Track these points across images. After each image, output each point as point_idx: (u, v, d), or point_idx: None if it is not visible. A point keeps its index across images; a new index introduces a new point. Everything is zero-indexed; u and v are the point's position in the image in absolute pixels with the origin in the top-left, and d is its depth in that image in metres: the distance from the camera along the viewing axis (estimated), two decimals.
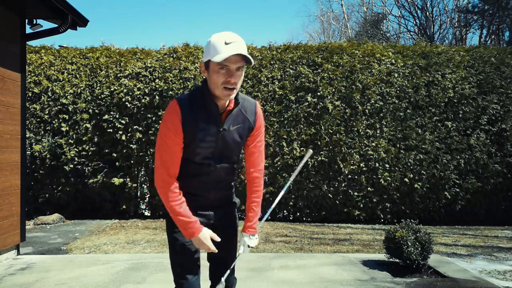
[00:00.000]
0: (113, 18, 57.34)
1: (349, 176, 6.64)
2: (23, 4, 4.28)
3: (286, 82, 6.71)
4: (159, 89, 6.63)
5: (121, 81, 6.66)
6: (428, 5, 20.13)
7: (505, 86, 6.90)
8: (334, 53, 6.89)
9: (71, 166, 6.61)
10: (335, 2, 32.97)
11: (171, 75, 6.67)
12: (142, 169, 6.83)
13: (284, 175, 6.56)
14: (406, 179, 6.61)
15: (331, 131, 6.61)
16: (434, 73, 6.84)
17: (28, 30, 4.61)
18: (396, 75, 6.79)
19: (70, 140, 6.67)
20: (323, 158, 6.58)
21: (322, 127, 6.59)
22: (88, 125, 6.65)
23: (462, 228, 6.48)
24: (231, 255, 1.88)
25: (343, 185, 6.65)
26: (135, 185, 6.72)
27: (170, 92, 6.60)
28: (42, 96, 6.73)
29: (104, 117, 6.62)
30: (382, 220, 6.84)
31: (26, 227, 4.97)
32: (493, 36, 19.27)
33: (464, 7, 19.45)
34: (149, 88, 6.65)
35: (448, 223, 6.76)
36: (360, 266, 4.05)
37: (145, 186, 6.95)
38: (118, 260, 4.18)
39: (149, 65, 6.78)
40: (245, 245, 1.82)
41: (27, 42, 4.93)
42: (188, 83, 6.66)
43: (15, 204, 4.31)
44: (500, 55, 7.11)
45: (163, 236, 5.28)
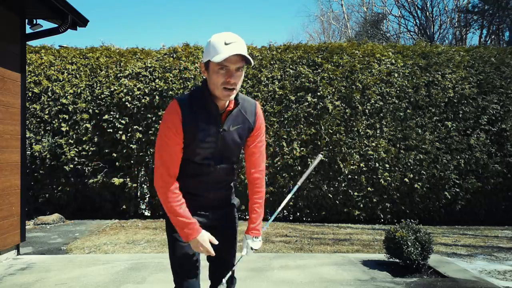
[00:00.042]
0: (113, 18, 57.41)
1: (349, 176, 6.64)
2: (23, 4, 4.28)
3: (286, 82, 6.71)
4: (159, 89, 6.63)
5: (121, 81, 6.67)
6: (428, 5, 20.15)
7: (505, 86, 6.90)
8: (334, 53, 6.89)
9: (71, 166, 6.62)
10: (335, 2, 33.02)
11: (171, 75, 6.67)
12: (142, 169, 6.83)
13: (284, 175, 6.56)
14: (406, 179, 6.62)
15: (331, 131, 6.61)
16: (434, 73, 6.84)
17: (28, 30, 4.62)
18: (396, 75, 6.79)
19: (70, 140, 6.67)
20: (323, 158, 6.58)
21: (322, 127, 6.59)
22: (88, 125, 6.66)
23: (462, 228, 6.48)
24: (231, 255, 1.89)
25: (343, 185, 6.65)
26: (135, 185, 6.72)
27: (170, 92, 6.60)
28: (42, 96, 6.74)
29: (104, 117, 6.63)
30: (382, 220, 6.84)
31: (26, 227, 4.98)
32: (493, 36, 19.27)
33: (464, 7, 19.45)
34: (149, 88, 6.65)
35: (448, 223, 6.76)
36: (360, 266, 4.05)
37: (145, 186, 6.95)
38: (118, 260, 4.18)
39: (149, 65, 6.78)
40: (248, 248, 1.81)
41: (27, 42, 4.93)
42: (188, 83, 6.66)
43: (15, 204, 4.31)
44: (500, 55, 7.11)
45: (163, 236, 5.29)
